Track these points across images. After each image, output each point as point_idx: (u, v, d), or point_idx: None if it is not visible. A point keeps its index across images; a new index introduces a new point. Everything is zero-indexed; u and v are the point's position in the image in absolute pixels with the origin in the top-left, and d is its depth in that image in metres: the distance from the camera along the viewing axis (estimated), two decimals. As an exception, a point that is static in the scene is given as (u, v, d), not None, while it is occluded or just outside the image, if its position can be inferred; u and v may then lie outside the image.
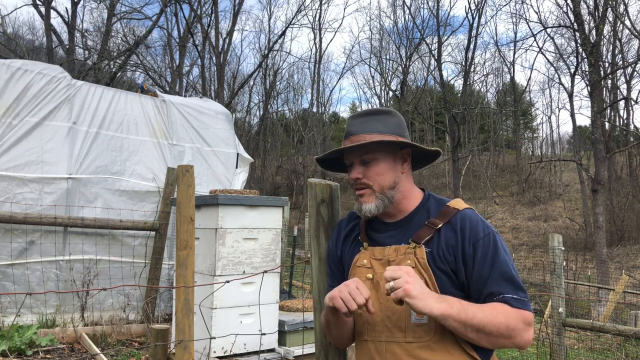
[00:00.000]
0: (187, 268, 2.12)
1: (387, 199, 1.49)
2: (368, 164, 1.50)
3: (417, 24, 26.52)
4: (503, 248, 1.43)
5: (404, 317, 1.40)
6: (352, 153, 1.51)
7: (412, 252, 1.43)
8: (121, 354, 4.41)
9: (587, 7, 16.85)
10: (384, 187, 1.49)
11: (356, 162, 1.51)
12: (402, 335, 1.40)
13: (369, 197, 1.49)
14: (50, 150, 5.06)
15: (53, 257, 5.00)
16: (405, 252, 1.44)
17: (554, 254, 4.72)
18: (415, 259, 1.42)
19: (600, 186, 12.23)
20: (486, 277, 1.39)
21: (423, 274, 1.40)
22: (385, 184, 1.49)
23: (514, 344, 1.36)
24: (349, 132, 1.53)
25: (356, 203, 1.53)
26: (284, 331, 4.11)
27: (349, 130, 1.53)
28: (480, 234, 1.41)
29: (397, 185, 1.51)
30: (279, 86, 32.10)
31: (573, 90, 24.97)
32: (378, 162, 1.49)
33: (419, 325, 1.39)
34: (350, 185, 1.60)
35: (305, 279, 9.58)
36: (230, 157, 6.47)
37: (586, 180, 20.12)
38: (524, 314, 1.36)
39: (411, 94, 29.81)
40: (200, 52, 21.90)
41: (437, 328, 1.37)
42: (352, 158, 1.52)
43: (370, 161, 1.49)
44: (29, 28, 29.35)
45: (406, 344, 1.39)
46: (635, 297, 10.06)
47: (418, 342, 1.38)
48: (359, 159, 1.50)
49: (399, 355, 1.40)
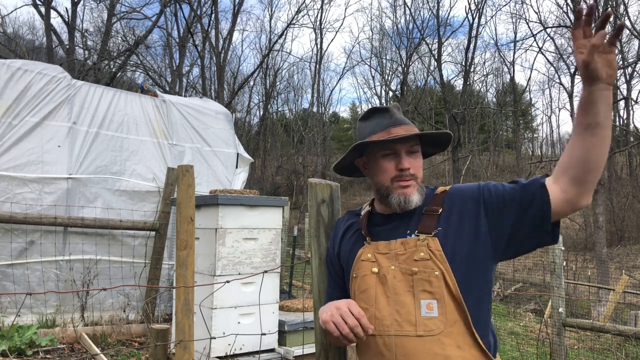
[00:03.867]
0: (187, 268, 2.12)
1: (423, 192, 1.51)
2: (415, 155, 1.51)
3: (417, 24, 26.53)
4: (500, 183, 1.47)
5: (414, 311, 1.39)
6: (402, 142, 1.49)
7: (424, 244, 1.41)
8: (121, 354, 4.41)
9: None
10: (421, 180, 1.52)
11: (404, 152, 1.49)
12: (413, 328, 1.38)
13: (414, 188, 1.49)
14: (50, 150, 5.06)
15: (53, 257, 5.00)
16: (417, 245, 1.42)
17: (554, 254, 4.72)
18: (430, 252, 1.40)
19: (600, 186, 12.24)
20: (510, 196, 1.40)
21: (439, 265, 1.38)
22: (421, 176, 1.52)
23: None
24: (398, 120, 1.51)
25: (395, 195, 1.48)
26: (284, 331, 4.10)
27: (398, 119, 1.52)
28: (475, 188, 1.47)
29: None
30: (279, 86, 32.10)
31: (573, 90, 24.95)
32: (419, 155, 1.53)
33: (429, 319, 1.37)
34: (350, 185, 1.59)
35: (305, 279, 9.58)
36: (230, 157, 6.47)
37: (586, 180, 20.06)
38: None
39: (411, 94, 29.79)
40: (200, 52, 21.88)
41: (448, 321, 1.36)
42: (401, 148, 1.49)
43: (416, 152, 1.51)
44: (29, 28, 29.33)
45: (417, 338, 1.37)
46: (635, 297, 10.06)
47: (429, 335, 1.36)
48: (408, 150, 1.49)
49: (409, 349, 1.38)
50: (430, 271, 1.39)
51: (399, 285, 1.42)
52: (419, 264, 1.40)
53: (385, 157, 1.50)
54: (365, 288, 1.48)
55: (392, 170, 1.49)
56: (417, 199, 1.48)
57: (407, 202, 1.47)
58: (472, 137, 32.67)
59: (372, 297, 1.46)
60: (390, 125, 1.50)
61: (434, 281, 1.38)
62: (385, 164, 1.50)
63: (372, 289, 1.46)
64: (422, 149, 1.57)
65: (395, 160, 1.49)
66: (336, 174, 1.70)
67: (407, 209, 1.48)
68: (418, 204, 1.48)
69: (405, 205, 1.47)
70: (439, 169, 32.11)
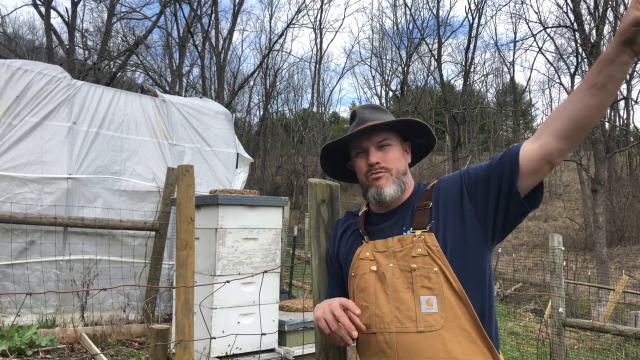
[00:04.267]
0: (187, 268, 2.12)
1: (402, 184, 1.51)
2: (385, 148, 1.52)
3: (417, 24, 26.54)
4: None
5: (414, 307, 1.39)
6: (369, 139, 1.51)
7: (421, 240, 1.42)
8: (121, 354, 4.41)
9: (587, 7, 16.86)
10: (400, 172, 1.52)
11: (372, 148, 1.51)
12: (414, 324, 1.38)
13: (387, 180, 1.49)
14: (50, 150, 5.06)
15: (53, 257, 5.00)
16: (413, 241, 1.43)
17: (554, 254, 4.72)
18: (427, 247, 1.41)
19: (600, 186, 12.23)
20: (493, 167, 1.38)
21: (437, 261, 1.39)
22: (400, 169, 1.52)
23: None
24: (362, 119, 1.54)
25: (371, 190, 1.51)
26: (284, 331, 4.10)
27: (363, 118, 1.54)
28: (457, 175, 1.47)
29: (407, 173, 1.55)
30: (279, 86, 32.10)
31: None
32: (393, 148, 1.53)
33: (429, 315, 1.37)
34: (350, 185, 1.61)
35: (305, 279, 9.59)
36: (230, 157, 6.47)
37: (586, 180, 20.12)
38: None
39: (411, 94, 29.81)
40: (200, 52, 21.88)
41: (447, 316, 1.36)
42: (368, 144, 1.51)
43: (387, 146, 1.52)
44: (29, 28, 29.35)
45: (418, 334, 1.37)
46: (635, 297, 10.07)
47: (430, 331, 1.36)
48: (376, 145, 1.51)
49: (410, 345, 1.38)
50: (429, 267, 1.39)
51: (398, 282, 1.42)
52: (417, 260, 1.41)
53: (358, 156, 1.55)
54: (364, 286, 1.48)
55: (364, 167, 1.53)
56: (391, 191, 1.49)
57: (380, 195, 1.49)
58: (472, 137, 32.68)
59: (371, 295, 1.46)
60: (361, 122, 1.54)
61: (433, 277, 1.38)
62: (359, 162, 1.55)
63: (372, 287, 1.47)
64: (413, 142, 1.60)
65: (366, 157, 1.52)
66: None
67: (383, 201, 1.49)
68: (395, 196, 1.49)
69: (379, 198, 1.49)
70: (439, 169, 32.11)
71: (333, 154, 1.65)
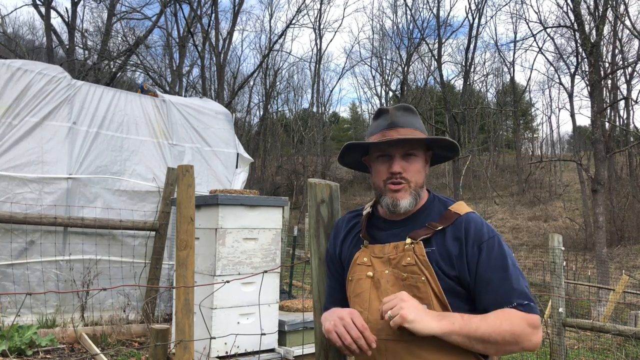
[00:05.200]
0: (187, 268, 2.12)
1: (417, 197, 1.49)
2: (410, 158, 1.48)
3: (417, 24, 26.54)
4: (509, 254, 1.42)
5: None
6: (398, 146, 1.47)
7: (411, 249, 1.43)
8: (121, 354, 4.41)
9: (587, 7, 16.85)
10: (418, 185, 1.49)
11: (398, 156, 1.47)
12: (402, 332, 1.39)
13: (405, 192, 1.47)
14: (50, 150, 5.06)
15: (53, 257, 5.00)
16: (405, 249, 1.44)
17: (554, 254, 4.72)
18: (415, 256, 1.42)
19: (600, 186, 12.22)
20: (489, 280, 1.38)
21: (424, 271, 1.40)
22: (419, 181, 1.50)
23: (522, 348, 1.35)
24: (394, 123, 1.48)
25: (386, 198, 1.48)
26: (284, 331, 4.11)
27: (394, 121, 1.49)
28: (485, 237, 1.42)
29: (424, 186, 1.53)
30: (279, 86, 32.10)
31: (573, 90, 25.00)
32: (418, 160, 1.50)
33: None
34: (350, 185, 1.60)
35: (305, 279, 9.58)
36: (230, 157, 6.47)
37: (586, 180, 20.11)
38: (530, 317, 1.34)
39: (411, 94, 29.79)
40: (200, 52, 21.88)
41: None
42: (395, 151, 1.47)
43: (412, 156, 1.48)
44: (29, 28, 29.34)
45: (406, 343, 1.38)
46: (635, 297, 10.06)
47: (419, 340, 1.37)
48: (402, 153, 1.47)
49: (399, 353, 1.40)
50: (417, 277, 1.41)
51: (392, 290, 1.43)
52: (407, 269, 1.42)
53: (380, 159, 1.50)
54: (359, 292, 1.49)
55: (384, 173, 1.49)
56: (407, 204, 1.47)
57: (396, 206, 1.47)
58: (472, 137, 32.66)
59: (365, 301, 1.47)
60: (385, 128, 1.49)
61: (421, 287, 1.40)
62: (379, 166, 1.51)
63: (367, 293, 1.48)
64: (435, 152, 1.57)
65: (389, 162, 1.48)
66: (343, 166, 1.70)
67: (397, 212, 1.48)
68: (409, 209, 1.48)
69: (393, 209, 1.48)
70: (439, 169, 32.09)
71: (352, 145, 1.60)
